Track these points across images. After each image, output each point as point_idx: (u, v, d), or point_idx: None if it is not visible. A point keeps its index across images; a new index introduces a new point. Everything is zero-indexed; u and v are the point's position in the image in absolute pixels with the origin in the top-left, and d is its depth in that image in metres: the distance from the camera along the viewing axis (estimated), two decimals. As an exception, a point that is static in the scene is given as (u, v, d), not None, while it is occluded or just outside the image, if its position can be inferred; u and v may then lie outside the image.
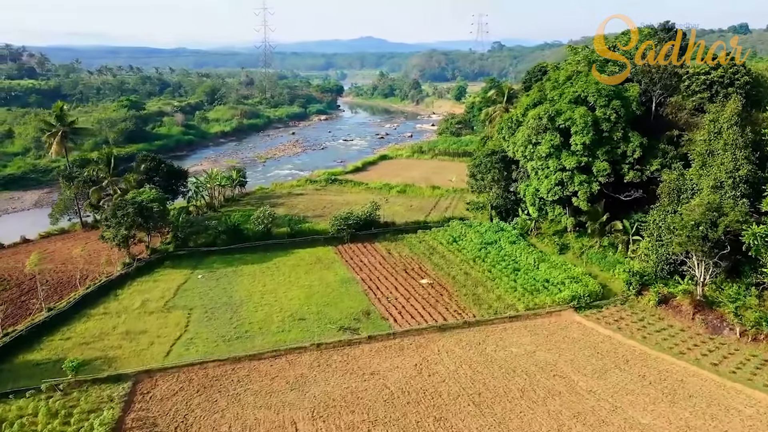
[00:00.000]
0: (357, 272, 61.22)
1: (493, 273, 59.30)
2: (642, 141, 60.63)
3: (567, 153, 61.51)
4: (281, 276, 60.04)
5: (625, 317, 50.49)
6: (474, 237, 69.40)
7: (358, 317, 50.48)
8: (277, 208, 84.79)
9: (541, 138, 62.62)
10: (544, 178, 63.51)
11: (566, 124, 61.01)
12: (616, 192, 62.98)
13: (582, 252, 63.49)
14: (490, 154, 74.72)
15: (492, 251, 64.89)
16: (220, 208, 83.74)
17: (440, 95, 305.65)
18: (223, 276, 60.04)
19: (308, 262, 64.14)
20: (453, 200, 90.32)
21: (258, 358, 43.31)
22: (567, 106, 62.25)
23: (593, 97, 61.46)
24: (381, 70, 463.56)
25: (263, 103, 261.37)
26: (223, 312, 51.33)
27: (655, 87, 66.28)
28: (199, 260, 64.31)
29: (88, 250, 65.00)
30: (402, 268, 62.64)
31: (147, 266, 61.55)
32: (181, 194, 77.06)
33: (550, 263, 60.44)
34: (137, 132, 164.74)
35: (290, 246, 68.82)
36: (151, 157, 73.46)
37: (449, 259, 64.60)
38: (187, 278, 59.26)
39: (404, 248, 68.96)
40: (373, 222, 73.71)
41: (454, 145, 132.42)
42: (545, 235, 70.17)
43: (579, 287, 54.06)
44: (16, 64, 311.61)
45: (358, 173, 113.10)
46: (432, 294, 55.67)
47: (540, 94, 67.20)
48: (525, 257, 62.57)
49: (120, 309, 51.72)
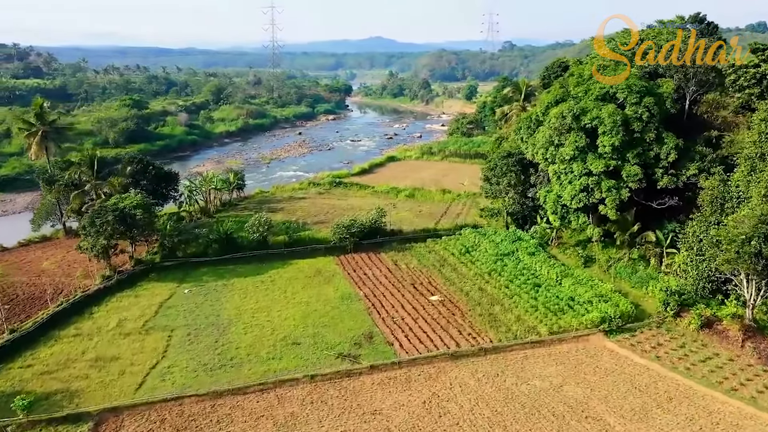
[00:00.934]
0: (360, 287, 55.42)
1: (511, 289, 53.30)
2: (678, 143, 54.47)
3: (593, 156, 55.38)
4: (276, 291, 54.35)
5: (663, 343, 44.31)
6: (489, 247, 63.40)
7: (359, 341, 44.66)
8: (276, 213, 79.34)
9: (564, 139, 56.56)
10: (567, 184, 57.42)
11: (593, 123, 54.90)
12: (648, 199, 56.80)
13: (609, 265, 57.27)
14: (506, 156, 68.72)
15: (509, 264, 58.85)
16: (215, 214, 78.26)
17: (450, 95, 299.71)
18: (212, 290, 54.44)
19: (307, 275, 58.42)
20: (465, 205, 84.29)
21: (243, 392, 37.63)
22: (593, 104, 56.16)
23: (623, 93, 55.33)
24: (390, 69, 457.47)
25: (270, 103, 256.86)
26: (208, 334, 45.70)
27: (689, 83, 59.96)
28: (188, 272, 58.77)
29: (68, 260, 59.85)
30: (409, 282, 56.77)
31: (129, 279, 56.07)
32: (172, 199, 71.54)
33: (574, 278, 54.31)
34: (139, 132, 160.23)
35: (288, 256, 63.12)
36: (138, 158, 68.00)
37: (462, 272, 58.66)
38: (172, 293, 53.72)
39: (412, 259, 63.08)
40: (378, 230, 67.93)
41: (466, 146, 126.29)
42: (567, 246, 64.05)
43: (609, 307, 47.92)
44: (22, 63, 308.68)
45: (364, 175, 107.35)
46: (443, 313, 49.75)
47: (562, 90, 61.07)
48: (546, 271, 56.47)
49: (93, 330, 46.24)
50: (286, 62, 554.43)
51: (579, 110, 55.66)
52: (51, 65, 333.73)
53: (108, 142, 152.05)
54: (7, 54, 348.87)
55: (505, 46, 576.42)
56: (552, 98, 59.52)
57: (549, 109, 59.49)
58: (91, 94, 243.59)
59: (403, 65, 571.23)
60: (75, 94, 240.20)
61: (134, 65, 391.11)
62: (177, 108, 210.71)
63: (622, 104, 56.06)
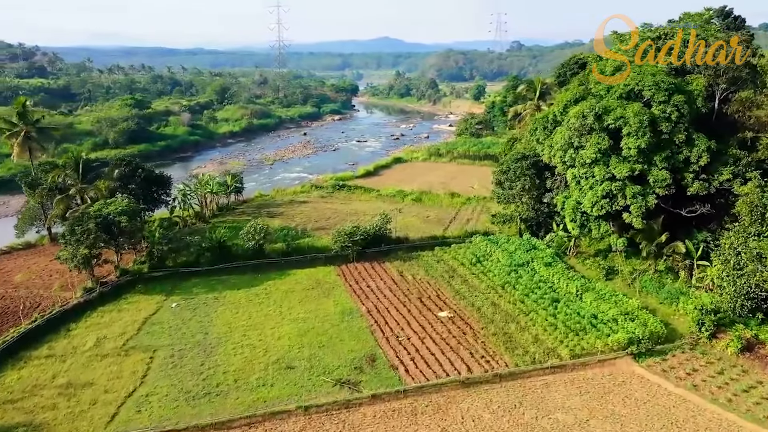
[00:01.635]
0: (362, 301, 51.04)
1: (527, 304, 48.76)
2: (710, 144, 49.72)
3: (617, 159, 50.76)
4: (271, 305, 50.06)
5: (699, 369, 39.68)
6: (502, 257, 58.90)
7: (360, 365, 40.29)
8: (275, 218, 75.22)
9: (585, 140, 51.98)
10: (588, 189, 52.81)
11: (617, 123, 50.29)
12: (677, 206, 52.11)
13: (634, 278, 52.63)
14: (520, 158, 64.17)
15: (524, 275, 54.32)
16: (211, 219, 74.16)
17: (458, 95, 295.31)
18: (201, 304, 50.21)
19: (305, 287, 54.11)
20: (475, 210, 79.79)
21: (227, 427, 33.35)
22: (617, 103, 51.53)
23: (650, 91, 50.66)
24: (397, 69, 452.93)
25: (275, 103, 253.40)
26: (194, 355, 41.45)
27: (719, 80, 55.23)
28: (177, 283, 54.60)
29: (50, 270, 55.93)
30: (416, 295, 52.35)
31: (114, 291, 51.95)
32: (163, 203, 67.37)
33: (596, 293, 49.71)
34: (140, 132, 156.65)
35: (285, 266, 58.84)
36: (127, 161, 63.80)
37: (473, 284, 54.19)
38: (158, 307, 49.55)
39: (419, 269, 58.66)
40: (383, 237, 63.57)
41: (475, 147, 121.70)
42: (586, 255, 59.47)
43: (636, 326, 43.31)
44: (27, 63, 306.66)
45: (369, 178, 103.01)
46: (453, 332, 45.29)
47: (582, 88, 56.51)
48: (565, 284, 51.90)
49: (68, 350, 42.10)
50: (293, 62, 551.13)
51: (601, 109, 51.06)
52: (56, 65, 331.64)
53: (108, 142, 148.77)
54: (12, 54, 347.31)
55: (513, 46, 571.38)
56: (571, 96, 54.92)
57: (568, 108, 54.94)
58: (95, 94, 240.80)
59: (410, 65, 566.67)
60: (78, 94, 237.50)
61: (139, 65, 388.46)
62: (180, 108, 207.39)
63: (648, 103, 51.43)
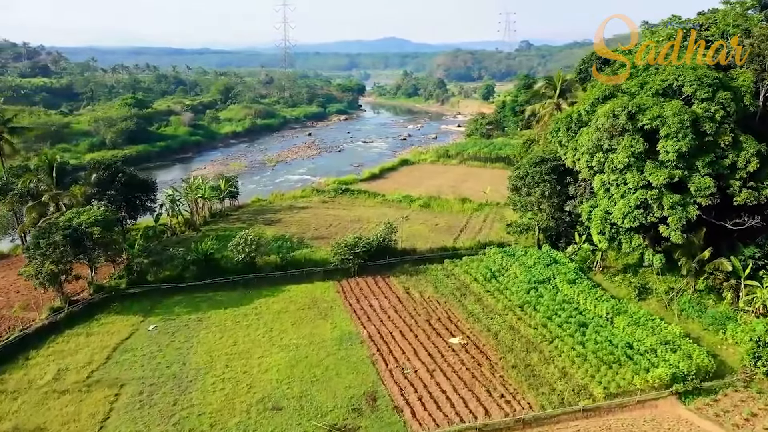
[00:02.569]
0: (363, 323, 45.25)
1: (551, 329, 42.82)
2: (760, 148, 43.60)
3: (653, 164, 44.67)
4: (260, 328, 44.34)
5: (758, 413, 33.63)
6: (519, 271, 52.99)
7: (359, 405, 34.50)
8: (272, 225, 69.59)
9: (616, 143, 45.93)
10: (618, 198, 46.74)
11: (653, 124, 44.21)
12: (720, 218, 45.93)
13: (670, 298, 46.55)
14: (540, 162, 58.19)
15: (545, 294, 48.35)
16: (202, 227, 68.58)
17: (466, 95, 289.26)
18: (182, 327, 44.59)
19: (300, 306, 48.39)
20: (488, 218, 73.83)
21: (196, 490, 27.68)
22: (653, 100, 45.47)
23: (691, 86, 44.55)
24: (405, 69, 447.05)
25: (280, 103, 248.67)
26: (167, 392, 35.80)
27: (763, 75, 49.04)
28: (158, 301, 49.03)
29: (18, 286, 50.52)
30: (424, 317, 46.52)
31: (86, 311, 46.42)
32: (148, 211, 61.79)
33: (629, 316, 43.64)
34: (139, 132, 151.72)
35: (279, 281, 53.18)
36: (106, 164, 58.24)
37: (488, 303, 48.28)
38: (133, 330, 43.97)
39: (427, 285, 52.82)
40: (387, 249, 57.80)
41: (486, 149, 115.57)
42: (613, 271, 53.44)
43: (679, 359, 37.31)
44: (30, 62, 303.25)
45: (374, 181, 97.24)
46: (467, 363, 39.42)
47: (609, 85, 50.37)
48: (592, 305, 45.90)
49: (22, 385, 36.56)
50: (300, 62, 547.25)
51: (635, 107, 44.99)
52: (59, 64, 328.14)
53: (105, 143, 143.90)
54: (16, 53, 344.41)
55: (522, 46, 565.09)
56: (599, 93, 48.82)
57: (596, 106, 48.88)
58: (98, 94, 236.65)
59: (417, 65, 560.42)
60: (81, 93, 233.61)
61: (144, 65, 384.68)
62: (183, 107, 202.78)
63: (689, 100, 45.37)
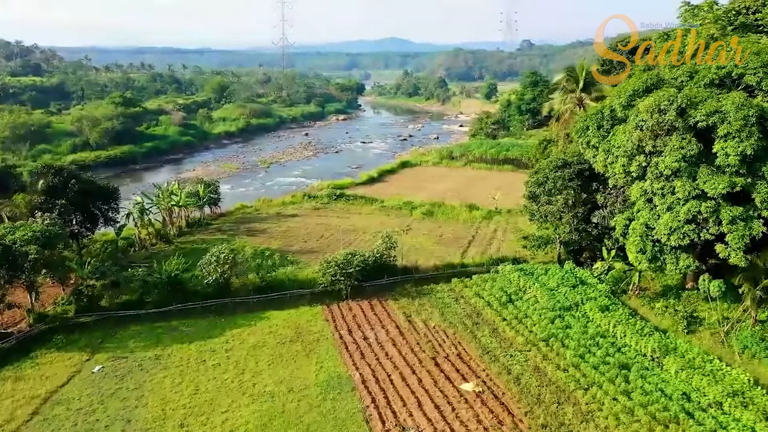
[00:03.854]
0: (355, 362, 37.29)
1: (585, 372, 34.90)
2: (840, 150, 35.67)
3: (709, 169, 36.74)
4: (230, 370, 36.34)
5: None
6: (540, 295, 45.07)
7: (346, 485, 26.55)
8: (256, 236, 61.73)
9: (662, 144, 37.97)
10: (664, 210, 38.80)
11: (709, 121, 36.27)
12: (789, 235, 37.95)
13: (727, 332, 38.54)
14: (561, 166, 50.34)
15: (574, 325, 40.41)
16: (176, 238, 60.57)
17: (468, 94, 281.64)
18: (135, 367, 36.59)
19: (280, 339, 40.39)
20: (498, 227, 65.84)
21: None
22: (707, 92, 37.55)
23: (755, 75, 36.73)
24: (405, 69, 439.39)
25: (277, 102, 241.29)
26: (100, 464, 27.87)
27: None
28: (111, 332, 41.03)
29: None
30: (430, 353, 38.54)
31: (21, 346, 38.48)
32: (110, 222, 53.73)
33: (680, 355, 35.67)
34: (126, 132, 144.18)
35: (258, 306, 45.23)
36: (56, 169, 50.17)
37: (505, 336, 40.35)
38: (74, 372, 35.99)
39: (433, 311, 44.83)
40: (385, 266, 49.87)
41: (493, 150, 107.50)
42: (650, 293, 45.44)
43: (755, 418, 29.36)
44: (21, 61, 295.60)
45: (372, 185, 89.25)
46: (484, 419, 31.40)
47: (651, 74, 42.42)
48: (633, 340, 37.90)
49: None
50: (300, 62, 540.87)
51: (686, 101, 37.05)
52: (52, 63, 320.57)
53: (89, 143, 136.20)
54: (9, 52, 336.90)
55: (523, 45, 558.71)
56: (640, 85, 40.75)
57: (634, 100, 40.88)
58: (88, 93, 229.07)
59: (418, 65, 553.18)
60: (72, 93, 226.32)
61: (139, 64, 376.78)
62: (176, 106, 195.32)
63: (752, 91, 37.51)
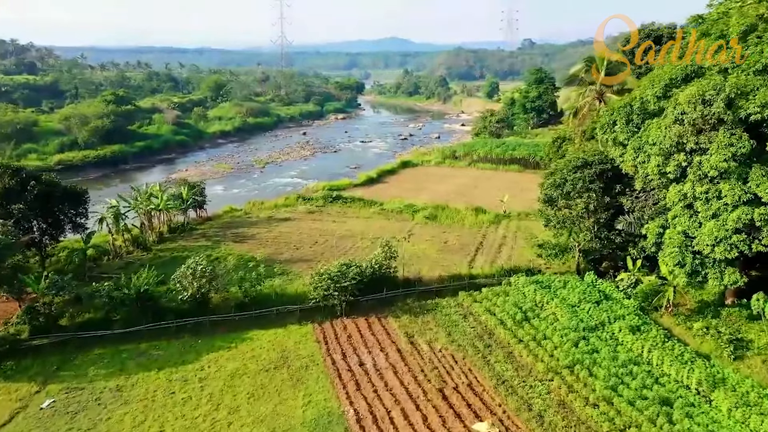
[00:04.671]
0: (350, 395, 31.94)
1: (619, 408, 29.58)
2: None
3: (763, 170, 31.47)
4: (203, 405, 31.01)
5: None
6: (560, 311, 39.77)
7: None
8: (244, 243, 56.47)
9: (706, 140, 32.68)
10: (708, 217, 33.51)
11: (763, 113, 31.00)
12: None
13: (779, 358, 33.25)
14: (581, 166, 45.03)
15: (602, 348, 35.09)
16: (155, 245, 55.20)
17: (469, 93, 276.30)
18: (91, 402, 31.26)
19: (263, 366, 35.07)
20: (508, 232, 60.50)
21: None
22: (759, 80, 32.26)
23: (817, 60, 31.41)
24: (406, 68, 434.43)
25: (275, 100, 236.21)
26: None
27: None
28: (70, 357, 35.72)
29: None
30: (436, 383, 33.22)
31: (-38, 374, 33.24)
32: (78, 228, 48.31)
33: (731, 388, 30.37)
34: (117, 131, 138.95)
35: (241, 324, 39.91)
36: (13, 169, 44.74)
37: (523, 362, 35.03)
38: (20, 407, 30.66)
39: (438, 331, 39.53)
40: (385, 278, 44.52)
41: (498, 149, 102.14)
42: (684, 310, 40.09)
43: (832, 471, 24.09)
44: (15, 59, 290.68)
45: (371, 186, 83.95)
46: (501, 470, 26.12)
47: (685, 61, 37.12)
48: (673, 368, 32.56)
49: None
50: (300, 62, 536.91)
51: (735, 90, 31.78)
52: (47, 61, 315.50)
53: (77, 142, 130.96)
54: (4, 50, 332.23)
55: (524, 45, 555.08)
56: (678, 72, 35.45)
57: (671, 89, 35.58)
58: (84, 91, 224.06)
59: (418, 65, 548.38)
60: (66, 91, 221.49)
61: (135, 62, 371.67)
62: (170, 105, 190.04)
63: (811, 80, 32.24)
